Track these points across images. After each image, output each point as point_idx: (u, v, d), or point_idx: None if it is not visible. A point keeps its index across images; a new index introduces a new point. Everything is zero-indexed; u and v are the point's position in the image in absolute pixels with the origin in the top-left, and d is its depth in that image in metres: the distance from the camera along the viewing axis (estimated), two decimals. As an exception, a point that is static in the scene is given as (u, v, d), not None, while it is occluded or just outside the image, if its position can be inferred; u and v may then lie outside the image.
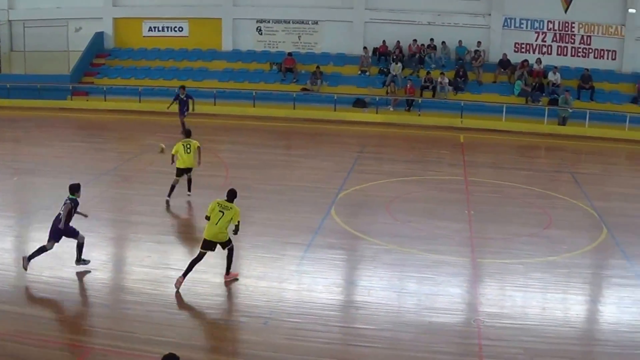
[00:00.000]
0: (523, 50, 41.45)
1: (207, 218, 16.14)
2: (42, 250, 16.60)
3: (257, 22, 42.23)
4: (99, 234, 19.48)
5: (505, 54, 40.53)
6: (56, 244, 16.71)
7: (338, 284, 17.26)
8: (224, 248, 16.44)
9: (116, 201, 23.63)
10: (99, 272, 17.10)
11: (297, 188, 24.35)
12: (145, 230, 20.22)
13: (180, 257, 18.14)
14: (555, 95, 38.44)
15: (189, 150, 22.17)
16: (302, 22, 42.13)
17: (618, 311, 16.53)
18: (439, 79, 38.66)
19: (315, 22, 42.01)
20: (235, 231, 16.40)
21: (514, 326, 15.36)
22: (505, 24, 41.11)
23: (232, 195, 16.38)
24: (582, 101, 38.65)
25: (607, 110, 37.92)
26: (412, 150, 29.91)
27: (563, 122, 37.60)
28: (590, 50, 41.14)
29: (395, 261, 18.73)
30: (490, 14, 40.93)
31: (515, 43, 41.42)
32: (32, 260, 16.51)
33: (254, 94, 38.33)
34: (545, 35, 41.25)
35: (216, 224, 15.96)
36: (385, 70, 40.23)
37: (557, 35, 41.17)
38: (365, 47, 40.92)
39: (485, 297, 16.94)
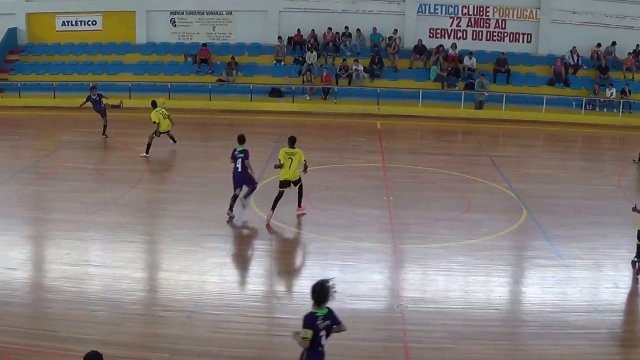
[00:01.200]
0: (438, 35, 41.37)
1: (280, 166, 19.74)
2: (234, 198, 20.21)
3: (170, 13, 41.40)
4: (17, 232, 19.09)
5: (420, 40, 40.42)
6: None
7: (260, 275, 17.07)
8: (295, 185, 20.21)
9: (33, 199, 22.86)
10: (18, 271, 16.58)
11: (215, 179, 23.82)
12: (64, 227, 19.47)
13: (99, 253, 17.77)
14: (471, 80, 38.55)
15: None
16: (216, 13, 41.48)
17: (541, 292, 16.58)
18: (354, 67, 38.42)
19: (230, 13, 41.40)
20: (305, 169, 20.30)
21: (438, 310, 15.30)
22: (420, 10, 41.00)
23: (292, 141, 20.05)
24: (498, 85, 38.82)
25: (524, 93, 38.24)
26: (330, 139, 29.61)
27: (479, 105, 37.75)
28: (506, 34, 41.37)
29: (316, 250, 18.51)
30: (404, 1, 40.75)
31: (430, 29, 41.29)
32: None
33: (169, 86, 37.57)
34: (460, 20, 41.28)
35: (289, 168, 19.76)
36: (300, 59, 39.85)
37: (472, 20, 41.25)
38: (280, 37, 40.46)
39: (407, 283, 16.87)
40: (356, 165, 26.86)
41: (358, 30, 40.79)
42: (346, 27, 40.74)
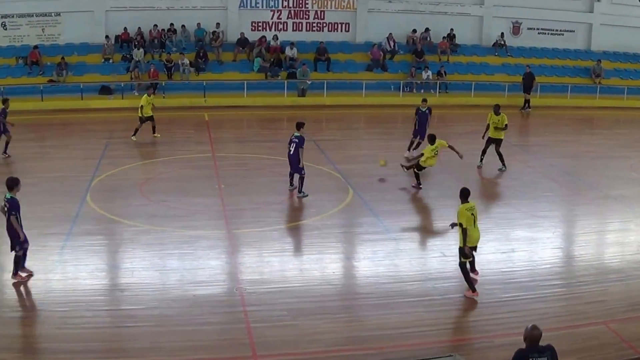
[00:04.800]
0: (260, 28, 42.08)
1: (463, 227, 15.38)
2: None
3: (1, 17, 39.99)
4: None
5: (242, 33, 40.92)
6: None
7: (101, 269, 16.87)
8: None
9: None
10: None
11: (50, 179, 23.38)
12: None
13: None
14: (293, 69, 39.43)
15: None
16: (45, 15, 40.40)
17: (373, 265, 17.41)
18: (180, 61, 38.46)
19: (58, 14, 40.40)
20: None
21: (276, 290, 15.77)
22: (242, 4, 41.48)
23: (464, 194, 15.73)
24: (319, 72, 39.99)
25: (344, 79, 39.63)
26: (160, 132, 29.53)
27: (302, 93, 38.64)
28: (325, 24, 42.64)
29: (154, 241, 18.54)
30: (227, -4, 41.30)
31: (252, 22, 41.96)
32: None
33: (2, 89, 36.30)
34: (281, 13, 42.14)
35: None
36: (128, 56, 39.45)
37: (292, 12, 42.21)
38: (107, 36, 39.87)
39: (244, 266, 17.23)
40: (187, 157, 26.88)
41: (183, 26, 40.87)
42: (171, 24, 40.73)
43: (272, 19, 42.12)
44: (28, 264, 15.99)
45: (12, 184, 15.92)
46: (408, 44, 42.42)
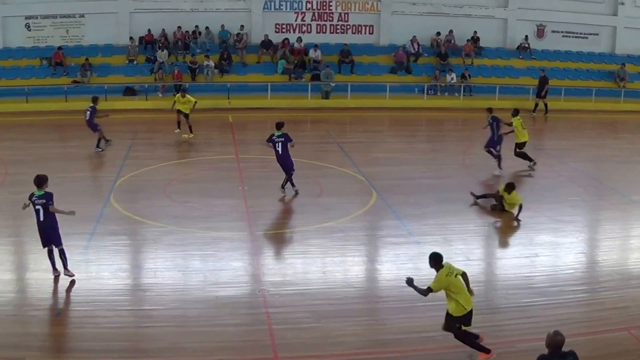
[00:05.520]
0: (284, 30, 42.19)
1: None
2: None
3: (25, 18, 40.37)
4: None
5: (266, 35, 41.08)
6: None
7: (124, 269, 16.98)
8: None
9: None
10: None
11: (75, 179, 23.57)
12: None
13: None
14: (317, 71, 39.48)
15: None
16: (69, 16, 40.76)
17: (395, 268, 17.28)
18: (205, 63, 38.61)
19: (82, 15, 40.73)
20: None
21: (298, 292, 15.79)
22: (266, 6, 41.63)
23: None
24: (343, 75, 39.95)
25: (367, 82, 39.60)
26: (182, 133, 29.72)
27: (326, 95, 38.69)
28: (349, 27, 42.63)
29: (177, 241, 18.61)
30: (250, -2, 41.45)
31: (276, 24, 42.10)
32: None
33: (26, 89, 36.68)
34: (305, 15, 42.21)
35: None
36: (152, 58, 39.74)
37: (316, 14, 42.26)
38: (131, 37, 40.19)
39: (267, 267, 17.27)
40: (211, 158, 27.05)
41: (207, 28, 41.08)
42: (196, 26, 40.98)
43: (295, 21, 42.22)
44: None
45: (41, 181, 16.22)
46: (432, 47, 42.34)
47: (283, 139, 21.94)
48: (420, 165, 24.91)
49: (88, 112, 27.69)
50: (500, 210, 20.91)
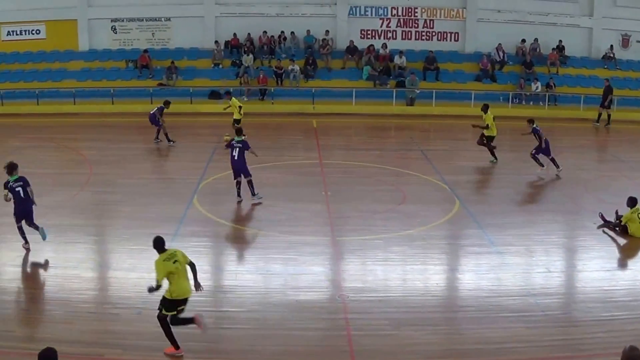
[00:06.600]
0: (369, 36, 42.25)
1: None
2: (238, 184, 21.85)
3: (111, 21, 41.35)
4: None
5: (352, 41, 41.21)
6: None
7: (205, 270, 17.03)
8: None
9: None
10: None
11: (159, 180, 24.18)
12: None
13: (51, 254, 17.73)
14: (402, 78, 39.46)
15: None
16: (155, 20, 41.60)
17: (476, 277, 17.22)
18: (290, 68, 38.97)
19: (168, 19, 41.58)
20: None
21: (378, 299, 15.78)
22: (351, 12, 41.79)
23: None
24: (427, 82, 39.83)
25: (452, 89, 39.36)
26: (268, 138, 30.01)
27: (411, 102, 38.64)
28: (434, 33, 42.41)
29: (259, 245, 18.91)
30: (335, 4, 41.49)
31: (361, 30, 42.21)
32: None
33: (112, 91, 37.60)
34: (390, 21, 42.20)
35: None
36: (237, 62, 40.26)
37: (401, 20, 42.18)
38: (217, 41, 40.79)
39: (347, 273, 17.36)
40: (294, 163, 27.29)
41: (292, 33, 41.40)
42: (282, 31, 41.37)
43: (381, 27, 42.19)
44: (132, 262, 16.62)
45: (12, 168, 17.77)
46: (517, 55, 41.83)
47: (241, 145, 22.10)
48: (503, 174, 24.64)
49: (156, 109, 29.23)
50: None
